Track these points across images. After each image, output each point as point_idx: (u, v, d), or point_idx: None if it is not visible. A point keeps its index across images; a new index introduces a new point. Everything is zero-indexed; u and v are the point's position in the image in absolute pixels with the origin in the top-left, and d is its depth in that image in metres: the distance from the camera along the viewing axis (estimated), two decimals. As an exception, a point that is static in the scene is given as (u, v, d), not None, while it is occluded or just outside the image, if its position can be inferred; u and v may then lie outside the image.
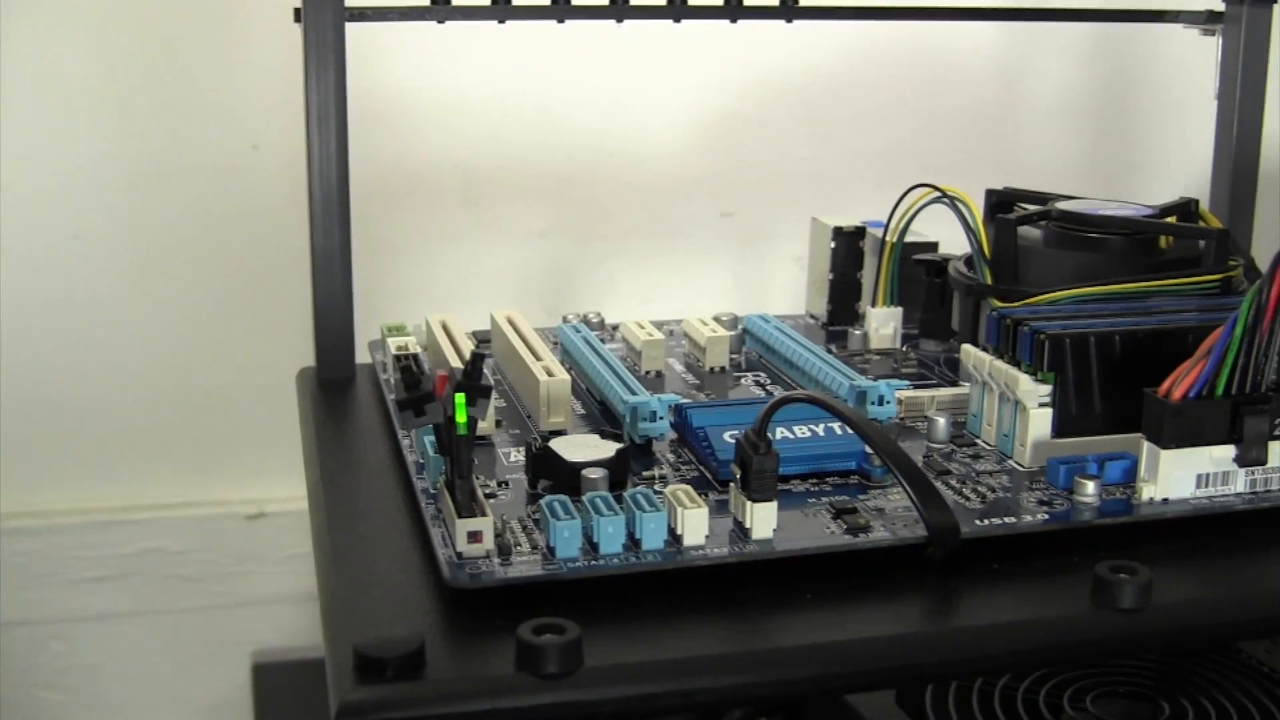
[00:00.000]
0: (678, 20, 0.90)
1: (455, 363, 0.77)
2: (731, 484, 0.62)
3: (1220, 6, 1.01)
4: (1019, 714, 0.90)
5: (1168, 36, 1.06)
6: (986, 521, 0.63)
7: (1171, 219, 0.87)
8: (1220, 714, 0.91)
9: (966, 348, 0.74)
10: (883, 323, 0.89)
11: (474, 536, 0.59)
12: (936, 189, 0.84)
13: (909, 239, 0.90)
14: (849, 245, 0.95)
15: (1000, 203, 0.89)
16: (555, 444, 0.66)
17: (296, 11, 0.84)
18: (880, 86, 1.29)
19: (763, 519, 0.60)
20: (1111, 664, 0.95)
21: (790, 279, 1.03)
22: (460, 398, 0.58)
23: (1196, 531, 0.66)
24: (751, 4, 0.90)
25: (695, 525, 0.59)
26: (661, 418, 0.71)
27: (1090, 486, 0.65)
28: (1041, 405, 0.69)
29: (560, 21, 0.88)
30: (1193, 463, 0.65)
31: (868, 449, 0.66)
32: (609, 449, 0.66)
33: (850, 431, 0.65)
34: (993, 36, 1.32)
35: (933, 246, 0.92)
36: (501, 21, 0.88)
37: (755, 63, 1.26)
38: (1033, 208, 0.86)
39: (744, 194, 1.29)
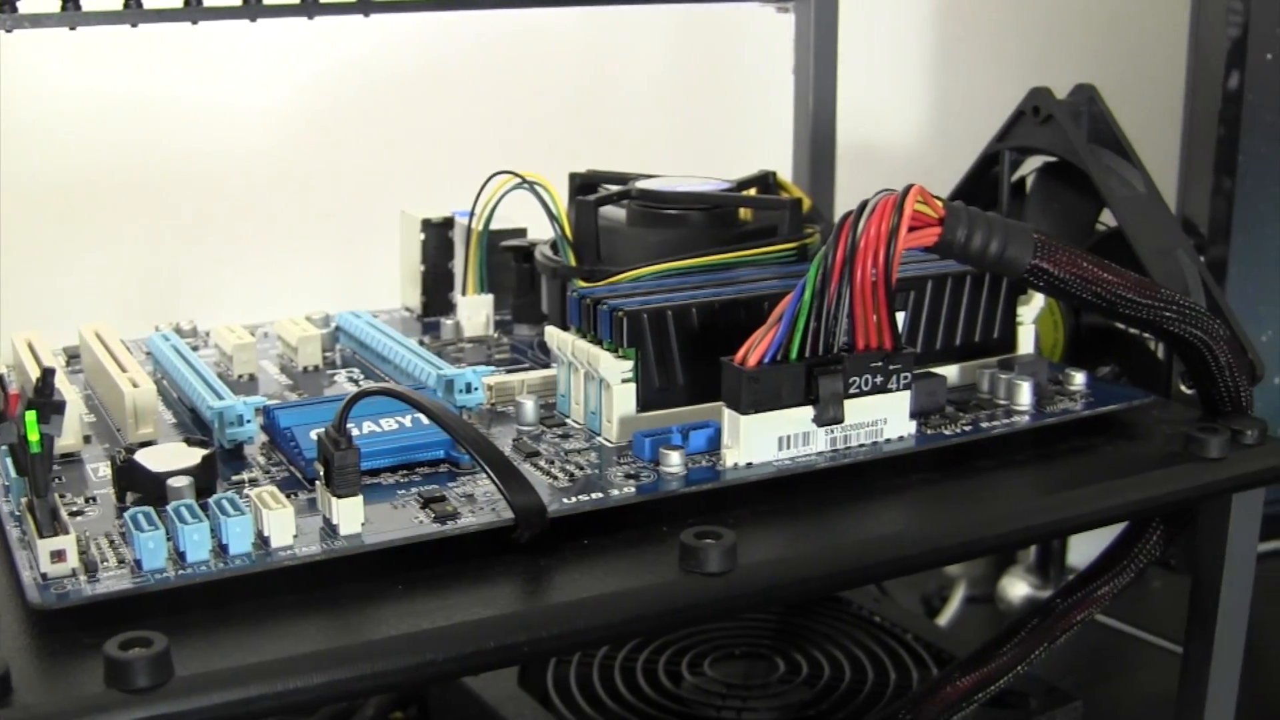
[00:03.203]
0: (253, 20, 0.89)
1: (38, 381, 0.75)
2: (317, 481, 0.62)
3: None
4: (639, 684, 0.92)
5: (750, 16, 1.09)
6: (574, 499, 0.64)
7: (752, 191, 0.90)
8: (833, 664, 0.94)
9: (550, 329, 0.75)
10: (474, 311, 0.90)
11: (57, 555, 0.57)
12: (516, 175, 0.85)
13: (499, 226, 0.91)
14: (438, 236, 0.95)
15: (584, 185, 0.91)
16: (140, 455, 0.65)
17: None
18: (471, 76, 1.30)
19: (349, 514, 0.60)
20: (728, 626, 0.98)
21: (396, 273, 1.04)
22: (31, 415, 0.57)
23: (782, 492, 0.68)
24: (327, 0, 0.90)
25: (281, 526, 0.59)
26: (249, 421, 0.70)
27: (675, 457, 0.67)
28: (624, 381, 0.70)
29: (134, 26, 0.87)
30: (773, 426, 0.67)
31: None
32: (195, 456, 0.65)
33: (439, 421, 0.65)
34: (579, 22, 1.33)
35: (521, 233, 0.93)
36: (73, 28, 0.86)
37: (344, 59, 1.25)
38: (616, 188, 0.87)
39: (344, 191, 1.29)
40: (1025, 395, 0.76)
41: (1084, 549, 1.20)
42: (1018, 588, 1.27)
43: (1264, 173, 1.11)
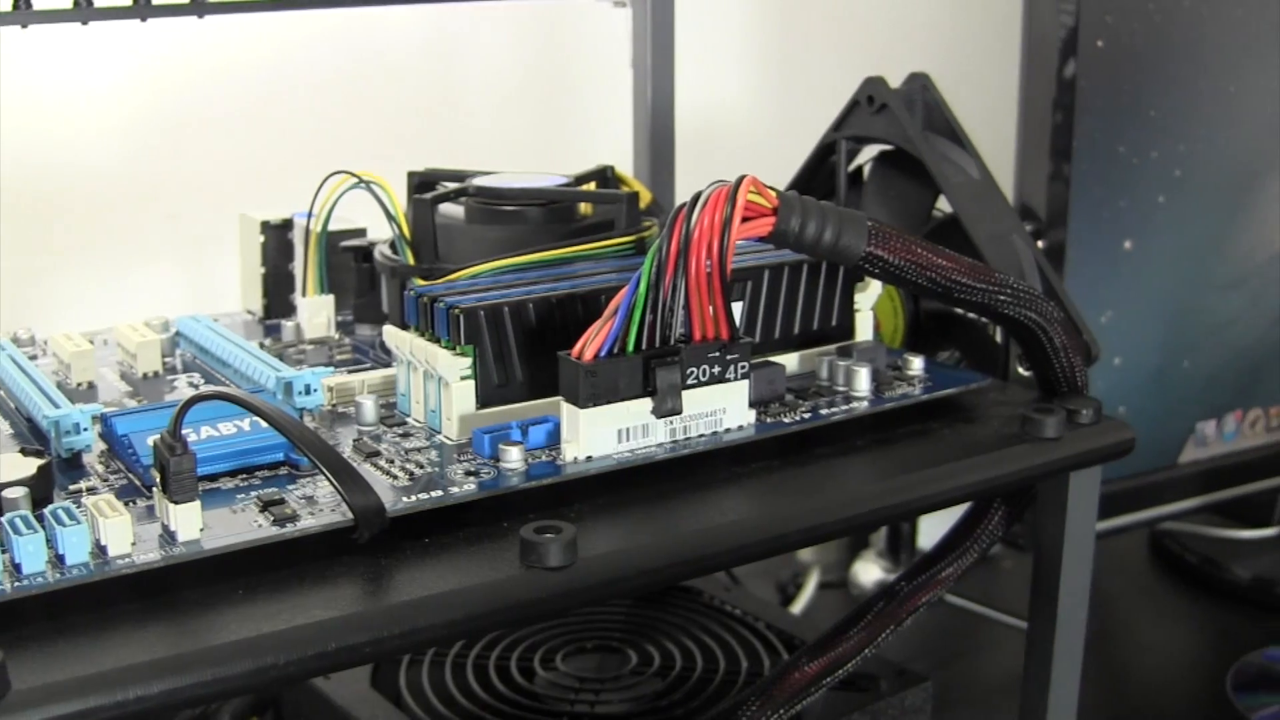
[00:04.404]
0: (85, 23, 0.88)
1: None
2: (154, 488, 0.61)
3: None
4: (492, 681, 0.92)
5: (587, 11, 1.09)
6: (415, 497, 0.64)
7: (590, 186, 0.90)
8: (685, 654, 0.95)
9: (388, 328, 0.75)
10: (315, 312, 0.89)
11: (-111, 572, 0.57)
12: (352, 174, 0.85)
13: (338, 227, 0.90)
14: (278, 238, 0.94)
15: (423, 183, 0.90)
16: (-26, 468, 0.64)
17: None
18: (311, 77, 1.29)
19: (187, 520, 0.60)
20: (580, 619, 0.98)
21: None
22: None
23: (623, 484, 0.68)
24: (161, 2, 0.89)
25: (118, 534, 0.58)
26: (86, 429, 0.69)
27: (514, 452, 0.67)
28: (463, 378, 0.70)
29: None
30: (612, 419, 0.68)
31: (293, 440, 0.66)
32: (30, 466, 0.64)
33: (278, 424, 0.65)
34: (417, 21, 1.33)
35: (361, 233, 0.93)
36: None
37: (181, 61, 1.24)
38: (454, 186, 0.87)
39: (187, 196, 1.27)
40: (863, 381, 0.77)
41: (934, 532, 1.21)
42: (870, 572, 1.28)
43: (1099, 157, 1.13)
